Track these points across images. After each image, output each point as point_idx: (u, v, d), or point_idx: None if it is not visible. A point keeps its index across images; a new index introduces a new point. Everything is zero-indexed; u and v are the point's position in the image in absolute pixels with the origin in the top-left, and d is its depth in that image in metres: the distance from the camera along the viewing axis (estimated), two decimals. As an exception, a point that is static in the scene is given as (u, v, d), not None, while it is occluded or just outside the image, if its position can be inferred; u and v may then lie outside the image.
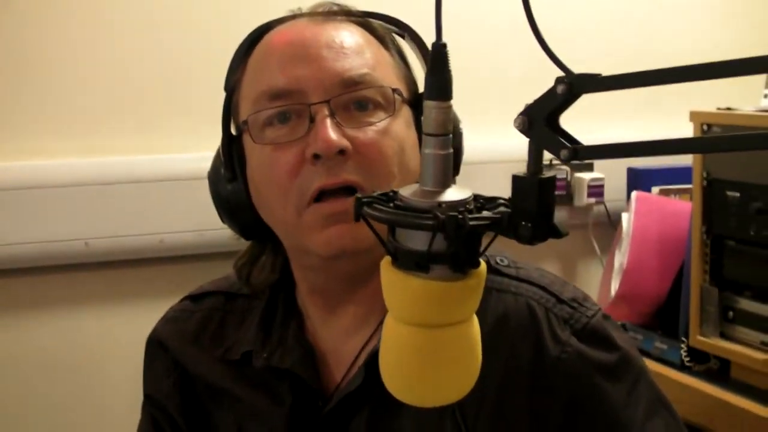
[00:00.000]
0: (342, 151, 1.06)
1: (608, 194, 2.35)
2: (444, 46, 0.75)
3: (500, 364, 1.13)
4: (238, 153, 1.16)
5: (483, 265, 0.79)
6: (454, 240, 0.73)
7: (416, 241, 0.75)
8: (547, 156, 0.74)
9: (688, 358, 1.97)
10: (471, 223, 0.72)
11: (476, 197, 0.77)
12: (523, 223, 0.73)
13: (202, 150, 1.21)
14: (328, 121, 1.08)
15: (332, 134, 1.06)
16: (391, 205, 0.76)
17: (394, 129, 1.11)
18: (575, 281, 2.43)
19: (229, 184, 1.17)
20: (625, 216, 2.17)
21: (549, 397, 1.13)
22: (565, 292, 1.19)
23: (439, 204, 0.74)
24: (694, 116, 1.87)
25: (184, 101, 1.99)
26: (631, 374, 1.15)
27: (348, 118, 1.10)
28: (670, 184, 2.28)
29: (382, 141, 1.10)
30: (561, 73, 0.70)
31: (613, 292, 2.12)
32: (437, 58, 0.75)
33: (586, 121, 2.28)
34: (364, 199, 0.77)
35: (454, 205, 0.74)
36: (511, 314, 1.16)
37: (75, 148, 1.95)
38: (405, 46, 1.22)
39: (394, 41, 1.21)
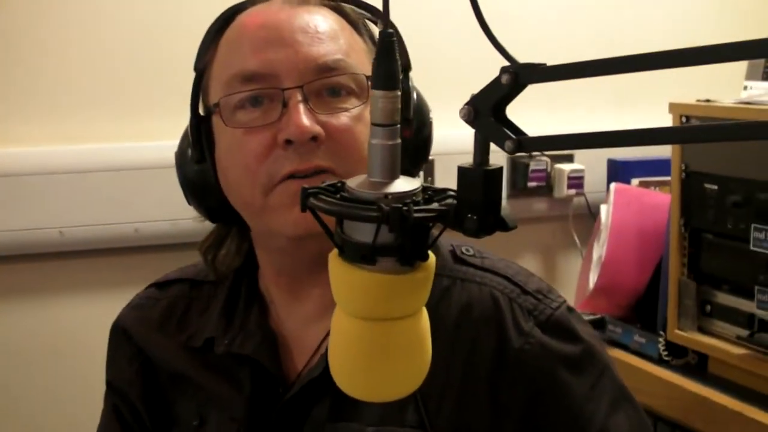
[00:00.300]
0: (314, 138, 1.06)
1: (588, 186, 2.34)
2: (391, 34, 0.73)
3: (463, 354, 1.13)
4: (207, 134, 1.15)
5: (432, 258, 0.77)
6: (399, 232, 0.71)
7: (362, 233, 0.74)
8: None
9: (666, 352, 1.96)
10: (416, 215, 0.70)
11: (425, 188, 0.76)
12: (469, 215, 0.71)
13: (178, 138, 1.19)
14: (302, 107, 1.06)
15: (305, 120, 1.05)
16: (338, 196, 0.75)
17: (367, 116, 1.10)
18: (555, 273, 2.43)
19: (197, 165, 1.16)
20: (603, 208, 2.16)
21: (511, 388, 1.12)
22: (530, 284, 1.18)
23: (386, 195, 0.73)
24: (672, 108, 1.85)
25: (160, 88, 1.98)
26: (595, 368, 1.14)
27: (321, 103, 1.09)
28: (650, 176, 2.27)
29: (354, 127, 1.09)
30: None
31: (591, 284, 2.11)
32: (384, 47, 0.73)
33: (567, 112, 2.31)
34: (310, 190, 0.76)
35: (400, 196, 0.73)
36: (474, 304, 1.15)
37: (49, 135, 1.94)
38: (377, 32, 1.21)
39: (367, 27, 1.20)
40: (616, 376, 1.16)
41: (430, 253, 0.77)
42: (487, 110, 0.69)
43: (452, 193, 0.75)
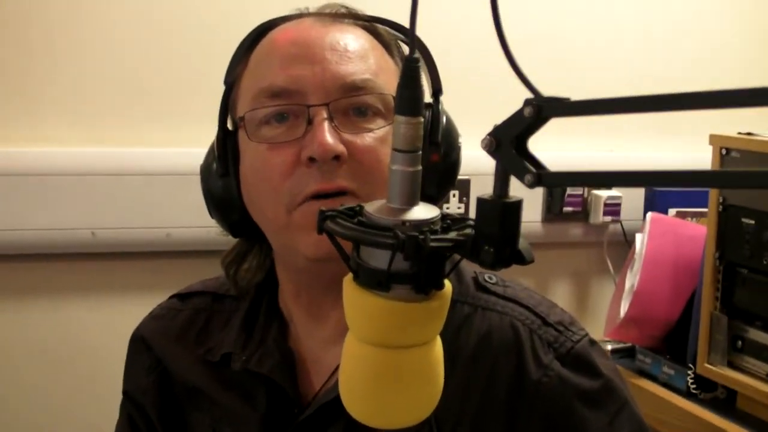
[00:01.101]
0: (337, 157, 1.04)
1: (625, 213, 2.31)
2: (417, 60, 0.73)
3: (481, 383, 1.11)
4: (233, 149, 1.14)
5: (448, 287, 0.76)
6: (414, 260, 0.70)
7: (378, 259, 0.73)
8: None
9: (694, 386, 1.94)
10: (432, 244, 0.69)
11: (444, 217, 0.75)
12: (486, 247, 0.70)
13: None
14: (326, 125, 1.05)
15: (329, 138, 1.04)
16: (356, 220, 0.74)
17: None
18: (587, 299, 2.40)
19: (221, 180, 1.15)
20: (639, 237, 2.13)
21: (528, 421, 1.10)
22: (552, 315, 1.16)
23: (403, 222, 0.72)
24: (713, 140, 1.84)
25: (198, 95, 1.98)
26: (613, 403, 1.12)
27: (346, 122, 1.08)
28: (688, 206, 2.24)
29: (379, 148, 1.08)
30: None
31: (622, 313, 2.08)
32: (409, 73, 0.73)
33: (606, 137, 2.28)
34: (328, 213, 0.75)
35: (417, 224, 0.72)
36: (494, 333, 1.14)
37: (86, 137, 1.96)
38: None
39: (399, 48, 1.19)
40: (635, 412, 1.14)
41: (446, 282, 0.76)
42: (509, 142, 0.68)
43: (471, 222, 0.74)
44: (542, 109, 0.66)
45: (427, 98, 1.17)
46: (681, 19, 2.45)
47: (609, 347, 2.18)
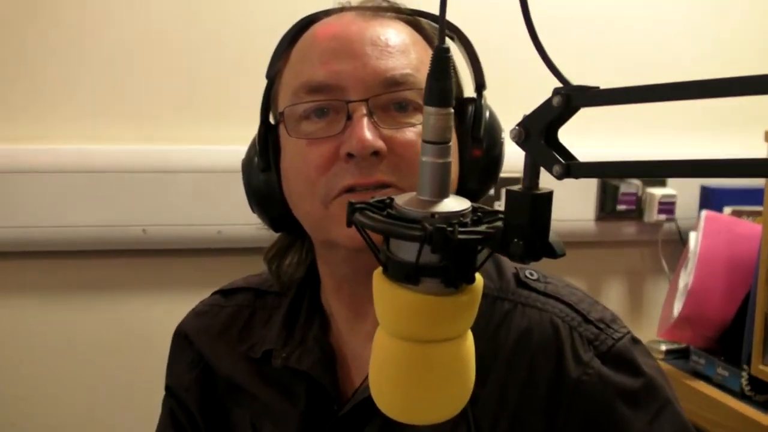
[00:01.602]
0: (376, 153, 1.04)
1: (680, 212, 2.27)
2: (447, 50, 0.72)
3: (520, 380, 1.10)
4: (274, 143, 1.14)
5: (479, 281, 0.75)
6: (442, 253, 0.70)
7: (407, 252, 0.72)
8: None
9: (748, 387, 1.90)
10: (460, 236, 0.69)
11: (476, 209, 0.74)
12: (516, 240, 0.69)
13: None
14: (365, 121, 1.05)
15: (368, 134, 1.04)
16: (385, 213, 0.73)
17: None
18: (641, 299, 2.37)
19: (262, 174, 1.15)
20: (693, 235, 2.09)
21: (566, 420, 1.08)
22: (593, 312, 1.14)
23: (432, 215, 0.71)
24: (768, 136, 1.80)
25: (249, 93, 1.98)
26: (655, 403, 1.10)
27: (386, 118, 1.07)
28: (744, 204, 2.19)
29: (418, 143, 1.07)
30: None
31: (676, 312, 2.05)
32: (438, 63, 0.72)
33: (658, 134, 2.25)
34: (357, 205, 0.75)
35: (447, 216, 0.71)
36: (534, 330, 1.12)
37: (137, 135, 1.97)
38: (454, 48, 1.19)
39: None
40: (678, 412, 1.12)
41: (478, 275, 0.75)
42: (538, 132, 0.67)
43: (502, 215, 0.73)
44: (571, 99, 0.65)
45: (471, 93, 1.16)
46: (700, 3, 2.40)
47: (663, 348, 2.15)
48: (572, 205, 2.19)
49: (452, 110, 0.73)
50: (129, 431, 2.05)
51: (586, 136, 1.88)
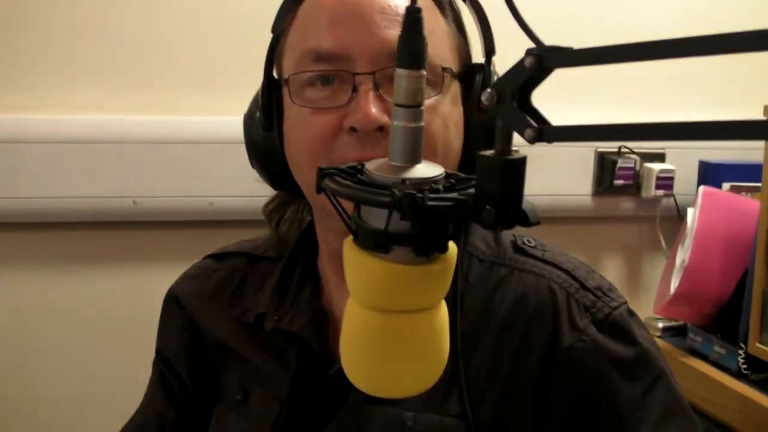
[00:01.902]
0: (381, 128, 1.02)
1: (678, 187, 2.24)
2: (418, 10, 0.69)
3: (513, 346, 1.09)
4: (277, 102, 1.12)
5: (452, 250, 0.73)
6: (411, 220, 0.67)
7: (377, 219, 0.70)
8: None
9: (745, 366, 1.87)
10: (430, 203, 0.66)
11: (449, 176, 0.71)
12: (487, 207, 0.66)
13: None
14: (371, 95, 1.03)
15: (373, 109, 1.02)
16: (355, 179, 0.71)
17: (440, 107, 1.06)
18: (638, 275, 2.35)
19: (263, 131, 1.14)
20: (690, 211, 2.07)
21: (558, 385, 1.07)
22: (590, 280, 1.13)
23: (403, 181, 0.69)
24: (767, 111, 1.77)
25: (242, 62, 1.95)
26: (649, 374, 1.08)
27: (392, 90, 1.04)
28: (743, 180, 2.16)
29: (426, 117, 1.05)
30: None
31: (672, 289, 2.02)
32: (410, 23, 0.69)
33: (648, 111, 2.21)
34: (327, 170, 0.72)
35: (418, 182, 0.68)
36: (530, 295, 1.11)
37: (127, 104, 1.94)
38: (465, 12, 1.15)
39: (452, 5, 1.14)
40: (673, 386, 1.10)
41: (451, 244, 0.73)
42: (510, 95, 0.64)
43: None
44: (544, 59, 0.62)
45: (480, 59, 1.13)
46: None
47: (660, 325, 2.12)
48: (569, 179, 2.17)
49: (424, 72, 0.70)
50: (123, 401, 2.03)
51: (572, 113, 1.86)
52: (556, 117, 0.67)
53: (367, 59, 1.04)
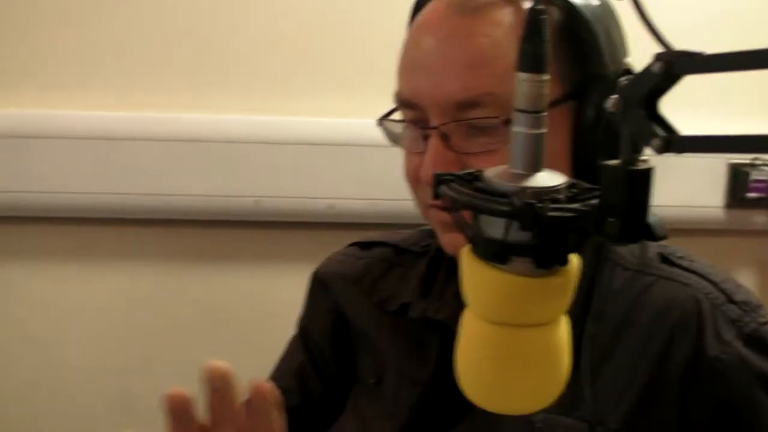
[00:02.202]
0: None
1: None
2: (542, 11, 0.66)
3: (654, 355, 1.06)
4: None
5: (574, 264, 0.70)
6: (531, 230, 0.64)
7: (496, 228, 0.68)
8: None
9: None
10: (550, 213, 0.63)
11: (572, 185, 0.68)
12: (611, 219, 0.63)
13: (374, 117, 1.16)
14: (435, 149, 1.03)
15: (432, 165, 1.02)
16: (473, 186, 0.69)
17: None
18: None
19: None
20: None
21: (699, 395, 1.04)
22: (738, 294, 1.10)
23: (524, 189, 0.66)
24: None
25: (364, 64, 1.95)
26: None
27: (464, 140, 1.03)
28: None
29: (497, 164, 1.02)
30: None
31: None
32: (533, 26, 0.66)
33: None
34: (444, 177, 0.70)
35: (539, 191, 0.66)
36: (675, 304, 1.08)
37: (249, 105, 1.95)
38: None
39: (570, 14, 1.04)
40: None
41: (573, 258, 0.70)
42: (637, 103, 0.61)
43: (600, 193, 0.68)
44: (673, 65, 0.59)
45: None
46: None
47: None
48: (699, 191, 2.09)
49: (546, 77, 0.67)
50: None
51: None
52: (683, 127, 0.64)
53: (435, 110, 1.03)
